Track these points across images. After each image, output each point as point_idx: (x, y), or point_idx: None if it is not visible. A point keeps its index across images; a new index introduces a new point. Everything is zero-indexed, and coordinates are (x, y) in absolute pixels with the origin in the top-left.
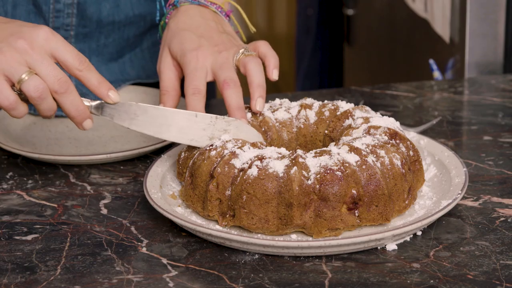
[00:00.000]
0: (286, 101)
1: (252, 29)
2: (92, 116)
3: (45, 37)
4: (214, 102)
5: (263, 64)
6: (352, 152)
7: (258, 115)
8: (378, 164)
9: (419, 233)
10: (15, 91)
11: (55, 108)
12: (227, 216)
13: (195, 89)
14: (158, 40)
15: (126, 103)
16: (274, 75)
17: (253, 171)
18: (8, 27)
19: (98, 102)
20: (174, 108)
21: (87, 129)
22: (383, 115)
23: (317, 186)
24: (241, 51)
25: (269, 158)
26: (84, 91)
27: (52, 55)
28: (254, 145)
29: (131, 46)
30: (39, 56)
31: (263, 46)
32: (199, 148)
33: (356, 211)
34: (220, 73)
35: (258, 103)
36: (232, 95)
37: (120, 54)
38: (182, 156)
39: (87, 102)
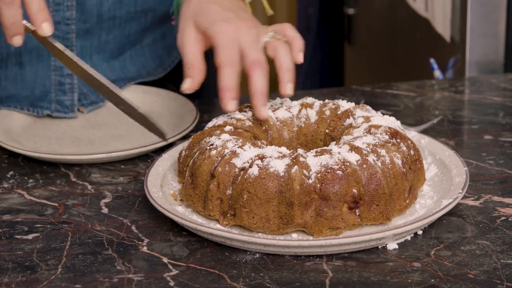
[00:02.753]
0: (287, 100)
1: (270, 11)
2: (24, 34)
3: None
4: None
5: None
6: (353, 151)
7: None
8: (379, 163)
9: (420, 232)
10: None
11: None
12: (228, 215)
13: (228, 60)
14: (170, 16)
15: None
16: (300, 57)
17: (254, 170)
18: None
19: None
20: (200, 83)
21: (16, 45)
22: (384, 114)
23: (318, 185)
24: (271, 33)
25: (270, 157)
26: (85, 91)
27: None
28: (254, 144)
29: (131, 43)
30: None
31: (290, 29)
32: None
33: (357, 210)
34: (249, 51)
35: (288, 87)
36: (259, 78)
37: (120, 51)
38: (182, 155)
39: (28, 24)
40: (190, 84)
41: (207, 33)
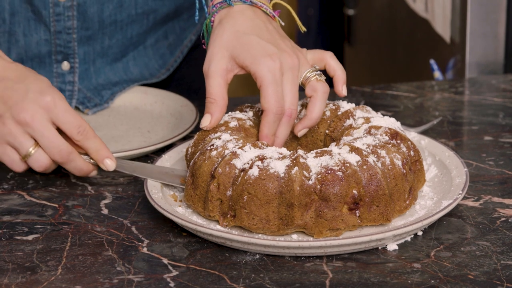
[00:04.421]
0: None
1: (303, 28)
2: (96, 168)
3: (46, 106)
4: None
5: (331, 77)
6: (353, 152)
7: (260, 113)
8: (379, 164)
9: (420, 233)
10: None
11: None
12: (228, 216)
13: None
14: (201, 39)
15: (125, 161)
16: (344, 91)
17: (254, 171)
18: (16, 89)
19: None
20: (219, 120)
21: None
22: (384, 115)
23: (318, 186)
24: (313, 73)
25: (270, 158)
26: (89, 95)
27: (53, 123)
28: (255, 145)
29: (134, 45)
30: (41, 126)
31: (332, 59)
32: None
33: (357, 211)
34: (287, 98)
35: (302, 132)
36: (284, 127)
37: (124, 53)
38: (189, 152)
39: (92, 161)
40: (209, 122)
41: (249, 70)
